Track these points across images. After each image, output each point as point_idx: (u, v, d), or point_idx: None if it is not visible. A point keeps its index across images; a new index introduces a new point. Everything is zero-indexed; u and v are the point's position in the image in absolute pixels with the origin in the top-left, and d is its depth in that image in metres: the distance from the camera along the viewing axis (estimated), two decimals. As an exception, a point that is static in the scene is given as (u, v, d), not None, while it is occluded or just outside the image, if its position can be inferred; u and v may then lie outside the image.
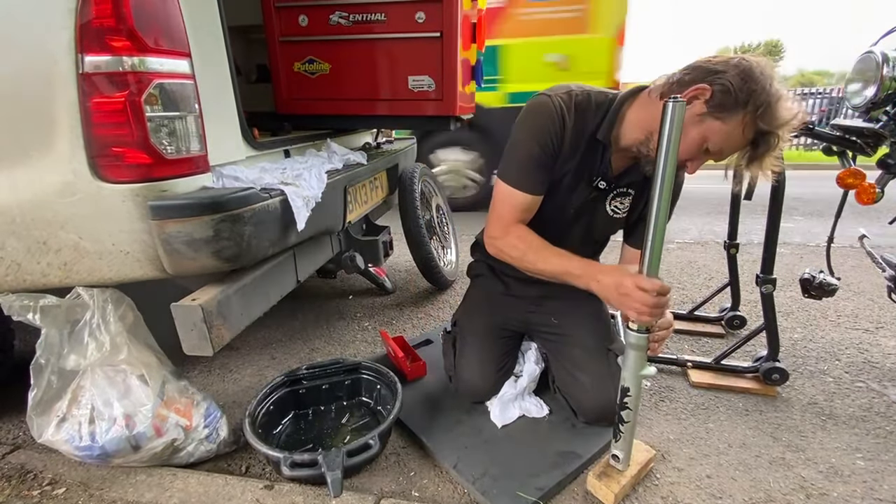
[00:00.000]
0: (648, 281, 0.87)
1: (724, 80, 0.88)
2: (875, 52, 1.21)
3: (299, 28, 1.56)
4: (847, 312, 1.98)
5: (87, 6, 0.81)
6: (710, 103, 0.90)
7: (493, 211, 1.13)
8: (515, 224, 1.11)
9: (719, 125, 0.90)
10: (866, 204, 1.28)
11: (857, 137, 1.30)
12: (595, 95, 1.08)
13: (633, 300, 0.89)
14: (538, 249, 1.07)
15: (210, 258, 0.91)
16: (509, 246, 1.10)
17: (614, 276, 0.94)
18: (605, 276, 0.97)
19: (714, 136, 0.92)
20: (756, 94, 0.87)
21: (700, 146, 0.94)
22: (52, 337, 1.05)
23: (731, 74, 0.87)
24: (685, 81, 0.92)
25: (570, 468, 1.08)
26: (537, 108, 1.07)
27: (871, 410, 1.34)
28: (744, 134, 0.91)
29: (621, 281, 0.91)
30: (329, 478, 0.97)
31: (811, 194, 4.71)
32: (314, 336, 1.88)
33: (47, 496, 1.05)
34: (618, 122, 1.05)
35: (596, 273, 0.99)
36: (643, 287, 0.87)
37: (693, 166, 0.99)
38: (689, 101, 0.90)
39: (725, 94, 0.88)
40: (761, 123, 0.88)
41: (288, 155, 1.45)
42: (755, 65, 0.88)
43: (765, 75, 0.87)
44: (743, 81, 0.87)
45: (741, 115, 0.88)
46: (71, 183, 0.89)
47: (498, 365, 1.30)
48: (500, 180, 1.11)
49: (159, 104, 0.88)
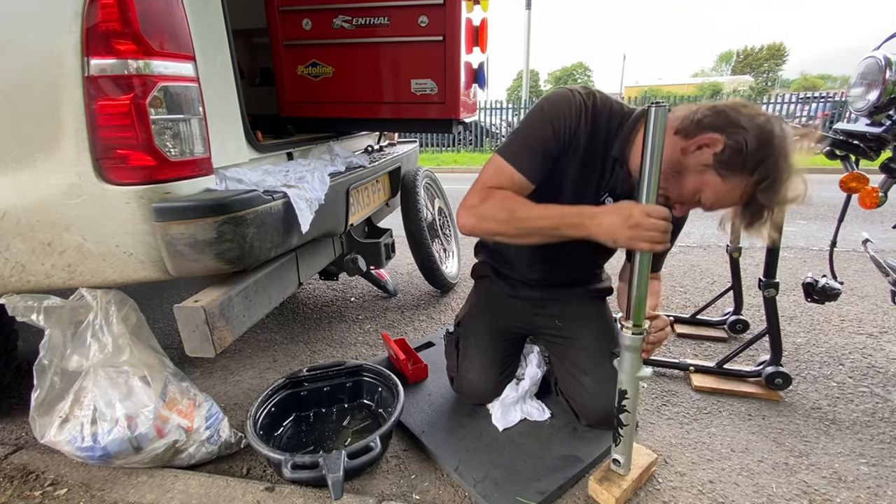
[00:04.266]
0: (655, 207, 0.84)
1: (740, 138, 0.84)
2: (878, 56, 1.21)
3: (303, 32, 1.57)
4: (851, 317, 1.97)
5: (94, 10, 0.82)
6: (717, 157, 0.86)
7: (476, 182, 1.02)
8: (498, 190, 0.99)
9: (719, 182, 0.87)
10: (869, 208, 1.28)
11: (860, 141, 1.30)
12: (613, 105, 1.03)
13: (645, 229, 0.84)
14: (526, 204, 0.96)
15: (213, 260, 0.92)
16: (492, 208, 0.97)
17: (618, 212, 0.87)
18: (607, 215, 0.89)
19: (709, 190, 0.89)
20: (765, 164, 0.83)
21: (693, 195, 0.92)
22: (56, 338, 1.05)
23: (751, 135, 0.83)
24: (704, 124, 0.88)
25: (572, 472, 1.08)
26: (557, 98, 1.01)
27: (875, 416, 1.33)
28: (740, 197, 0.88)
29: (630, 212, 0.85)
30: (330, 480, 0.97)
31: (814, 198, 4.68)
32: (316, 338, 1.88)
33: (49, 497, 1.05)
34: (629, 141, 1.01)
35: (595, 214, 0.90)
36: (652, 213, 0.84)
37: (680, 210, 0.97)
38: (699, 148, 0.88)
39: (736, 154, 0.84)
40: (760, 196, 0.85)
41: (291, 157, 1.46)
42: (777, 133, 0.84)
43: (782, 148, 0.84)
44: (759, 146, 0.83)
45: (744, 180, 0.86)
46: (76, 185, 0.90)
47: (500, 368, 1.30)
48: (496, 155, 1.03)
49: (164, 107, 0.88)
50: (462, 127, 1.82)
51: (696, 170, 0.89)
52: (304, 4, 1.55)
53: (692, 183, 0.91)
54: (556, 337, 1.31)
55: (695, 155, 0.88)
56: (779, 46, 39.29)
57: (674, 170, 0.91)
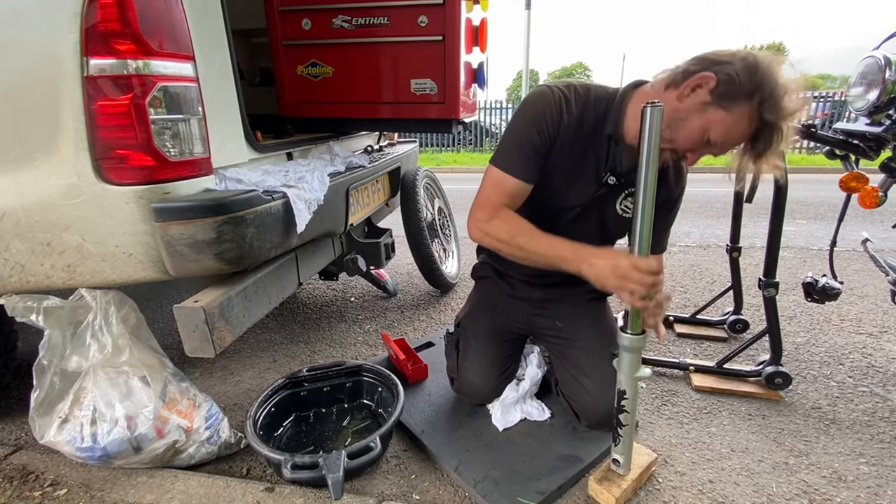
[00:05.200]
0: (645, 261, 0.86)
1: (729, 70, 0.87)
2: (878, 56, 1.21)
3: (302, 32, 1.57)
4: (850, 316, 1.98)
5: (93, 10, 0.82)
6: (714, 92, 0.89)
7: (481, 194, 1.09)
8: (503, 208, 1.07)
9: (723, 115, 0.89)
10: (869, 208, 1.28)
11: (860, 141, 1.30)
12: (595, 90, 1.08)
13: (630, 281, 0.87)
14: (527, 232, 1.03)
15: (212, 260, 0.92)
16: (496, 228, 1.05)
17: (610, 259, 0.91)
18: (599, 258, 0.93)
19: (717, 126, 0.91)
20: (762, 84, 0.86)
21: (702, 137, 0.93)
22: (55, 338, 1.05)
23: (738, 66, 0.87)
24: (690, 72, 0.91)
25: (572, 472, 1.08)
26: (535, 97, 1.06)
27: (875, 415, 1.33)
28: (749, 125, 0.90)
29: (617, 263, 0.89)
30: (330, 480, 0.97)
31: (814, 198, 4.70)
32: (315, 338, 1.88)
33: (49, 497, 1.05)
34: (621, 115, 1.03)
35: (589, 256, 0.95)
36: (640, 267, 0.86)
37: (693, 158, 0.98)
38: (693, 90, 0.90)
39: (730, 84, 0.87)
40: (767, 114, 0.87)
41: (291, 157, 1.46)
42: (762, 58, 0.88)
43: (771, 69, 0.87)
44: (749, 73, 0.86)
45: (746, 105, 0.88)
46: (75, 185, 0.89)
47: (501, 368, 1.30)
48: (491, 166, 1.08)
49: (163, 107, 0.88)
50: (462, 127, 1.82)
51: (697, 110, 0.91)
52: (303, 4, 1.55)
53: (697, 124, 0.91)
54: (556, 338, 1.31)
55: (691, 98, 0.91)
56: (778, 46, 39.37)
57: (676, 119, 0.92)
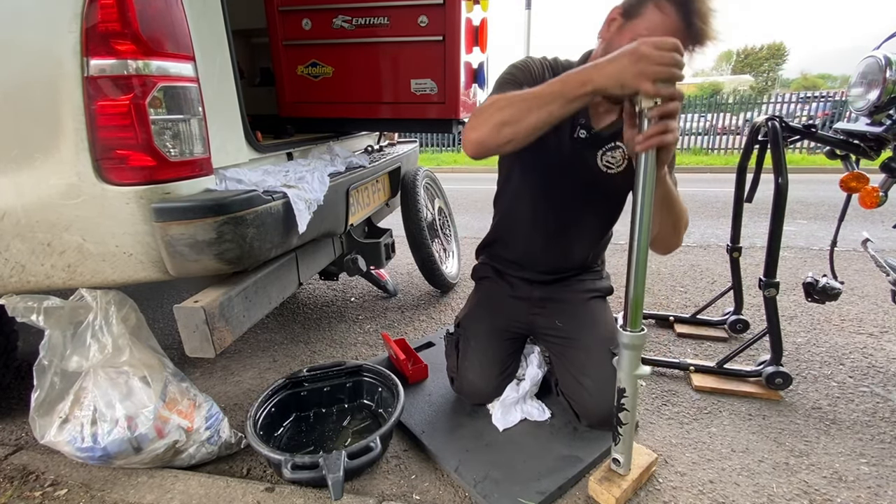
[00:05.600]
0: (666, 39, 0.79)
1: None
2: (878, 56, 1.21)
3: (303, 32, 1.57)
4: (851, 317, 1.97)
5: (93, 10, 0.82)
6: (623, 15, 0.98)
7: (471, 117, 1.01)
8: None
9: (638, 22, 0.95)
10: (869, 208, 1.28)
11: (861, 141, 1.30)
12: (564, 61, 1.17)
13: (652, 62, 0.78)
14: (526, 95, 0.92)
15: (213, 260, 0.92)
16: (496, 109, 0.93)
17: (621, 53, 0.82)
18: (608, 60, 0.84)
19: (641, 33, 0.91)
20: None
21: None
22: (56, 338, 1.05)
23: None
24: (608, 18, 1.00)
25: (572, 472, 1.08)
26: (521, 61, 1.14)
27: (876, 415, 1.33)
28: (662, 14, 0.92)
29: (632, 49, 0.80)
30: (330, 480, 0.97)
31: (814, 198, 4.70)
32: (316, 338, 1.88)
33: (49, 497, 1.05)
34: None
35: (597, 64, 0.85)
36: (661, 44, 0.78)
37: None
38: (609, 24, 1.01)
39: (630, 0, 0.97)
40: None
41: (291, 157, 1.46)
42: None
43: None
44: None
45: (650, 2, 0.93)
46: (75, 185, 0.89)
47: (501, 368, 1.30)
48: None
49: (163, 107, 0.88)
50: (462, 127, 1.82)
51: (619, 34, 0.98)
52: (303, 4, 1.55)
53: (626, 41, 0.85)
54: (556, 337, 1.31)
55: (611, 30, 1.00)
56: (779, 46, 39.25)
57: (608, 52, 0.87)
